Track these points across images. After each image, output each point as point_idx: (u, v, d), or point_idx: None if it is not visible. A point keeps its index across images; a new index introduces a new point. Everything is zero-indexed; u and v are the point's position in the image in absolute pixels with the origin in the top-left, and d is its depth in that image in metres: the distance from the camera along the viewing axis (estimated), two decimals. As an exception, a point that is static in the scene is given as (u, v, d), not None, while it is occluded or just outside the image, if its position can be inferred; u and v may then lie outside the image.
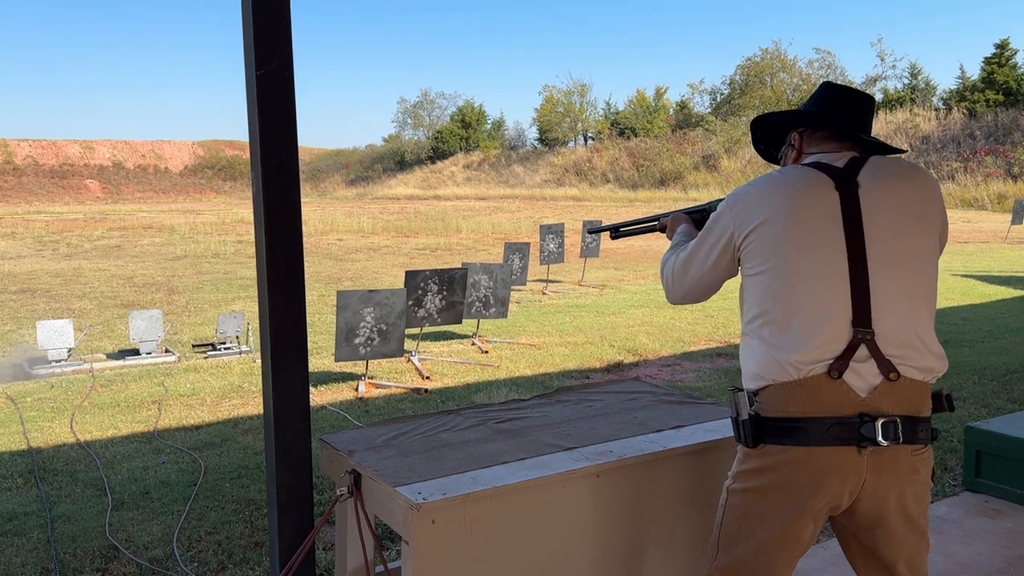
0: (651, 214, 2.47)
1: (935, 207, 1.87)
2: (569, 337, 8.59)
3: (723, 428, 2.32)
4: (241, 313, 8.01)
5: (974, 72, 37.69)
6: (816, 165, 1.85)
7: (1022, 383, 6.26)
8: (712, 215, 1.96)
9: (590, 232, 2.95)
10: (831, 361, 1.72)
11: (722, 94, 47.86)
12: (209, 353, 7.68)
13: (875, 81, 42.02)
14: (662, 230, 2.37)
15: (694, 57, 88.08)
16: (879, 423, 1.71)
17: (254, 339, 8.10)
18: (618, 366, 7.36)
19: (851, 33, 74.70)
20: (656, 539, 2.17)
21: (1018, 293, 11.15)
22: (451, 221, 25.44)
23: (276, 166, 2.09)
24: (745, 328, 1.87)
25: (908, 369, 1.75)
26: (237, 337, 7.94)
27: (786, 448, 1.75)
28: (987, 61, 36.32)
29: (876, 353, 1.73)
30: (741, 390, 1.83)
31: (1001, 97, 34.53)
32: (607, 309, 10.33)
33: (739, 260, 1.89)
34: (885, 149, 1.93)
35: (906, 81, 40.80)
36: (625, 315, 9.87)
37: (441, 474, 1.94)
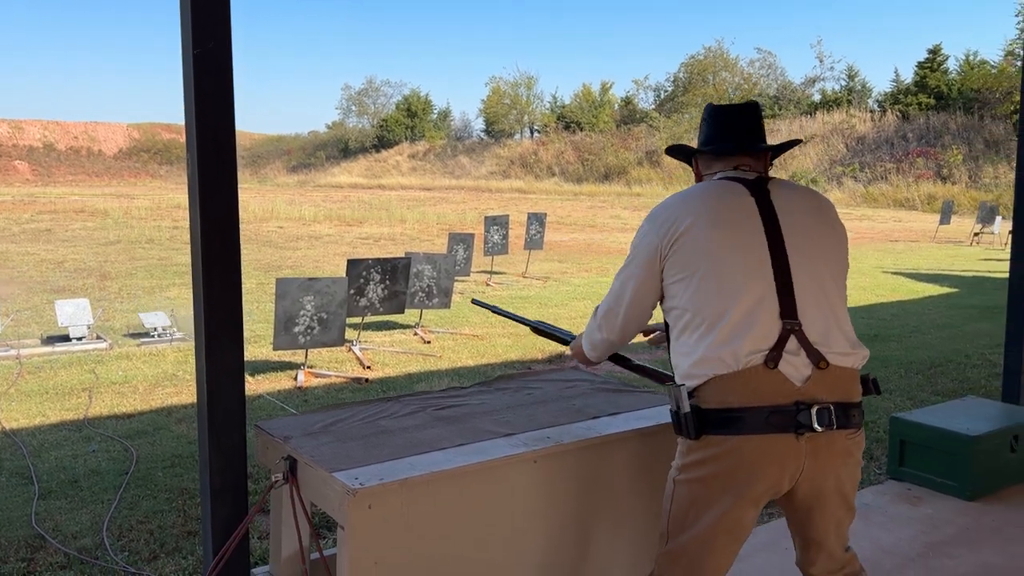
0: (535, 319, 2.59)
1: (834, 214, 2.04)
2: (512, 328, 8.62)
3: (658, 415, 2.36)
4: (161, 312, 7.84)
5: (908, 76, 38.92)
6: (727, 178, 2.00)
7: (946, 376, 6.52)
8: (635, 240, 2.03)
9: (473, 303, 2.97)
10: (767, 352, 1.80)
11: (666, 91, 48.45)
12: (143, 340, 7.49)
13: (814, 82, 43.04)
14: (564, 342, 2.45)
15: (639, 53, 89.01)
16: (814, 410, 1.79)
17: (186, 328, 7.93)
18: (560, 357, 7.41)
19: (792, 34, 76.29)
20: (594, 524, 2.20)
21: (944, 290, 11.58)
22: (395, 211, 25.26)
23: (213, 148, 2.05)
24: (676, 331, 1.94)
25: (834, 356, 1.84)
26: (173, 323, 7.76)
27: (727, 438, 1.81)
28: (920, 66, 37.52)
29: (805, 343, 1.82)
30: (679, 385, 1.88)
31: (933, 101, 35.71)
32: (550, 301, 10.40)
33: (662, 270, 1.95)
34: (780, 148, 2.08)
35: (844, 83, 41.89)
36: (568, 307, 9.94)
37: (378, 460, 1.93)
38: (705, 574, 1.90)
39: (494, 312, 2.71)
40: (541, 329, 2.55)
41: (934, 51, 37.49)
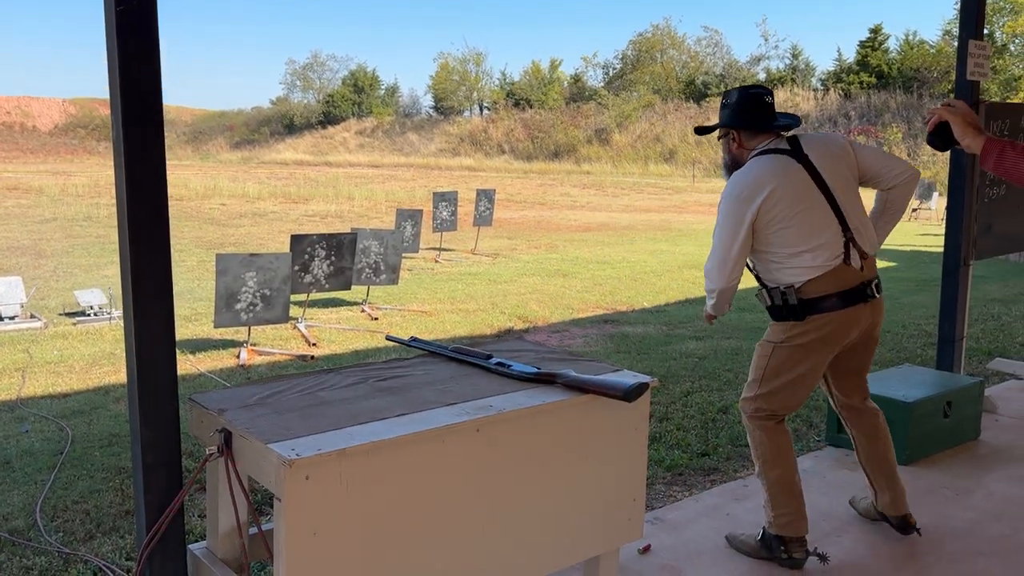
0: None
1: (846, 152, 2.91)
2: (461, 304, 8.59)
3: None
4: (98, 289, 7.61)
5: (850, 55, 39.61)
6: (772, 151, 2.83)
7: (883, 346, 6.67)
8: (725, 208, 2.81)
9: (387, 339, 2.97)
10: (840, 255, 2.77)
11: (615, 69, 48.55)
12: (79, 319, 7.27)
13: (759, 60, 43.57)
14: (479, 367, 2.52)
15: (588, 31, 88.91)
16: (872, 285, 2.84)
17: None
18: (508, 332, 7.41)
19: (737, 13, 77.02)
20: (538, 490, 2.19)
21: (882, 264, 11.85)
22: (343, 188, 24.94)
23: (139, 110, 1.96)
24: (778, 259, 2.80)
25: (869, 248, 2.86)
26: (110, 301, 7.54)
27: (826, 315, 2.77)
28: (862, 45, 38.23)
29: (856, 244, 2.81)
30: (787, 287, 2.79)
31: (874, 80, 36.46)
32: (499, 277, 10.38)
33: (754, 226, 2.77)
34: (789, 125, 2.93)
35: (788, 61, 42.51)
36: (517, 283, 9.94)
37: (317, 431, 1.89)
38: (797, 401, 2.92)
39: (410, 346, 2.67)
40: (457, 357, 2.53)
41: (875, 30, 38.22)
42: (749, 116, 2.89)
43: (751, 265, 2.93)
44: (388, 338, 2.83)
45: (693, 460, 4.00)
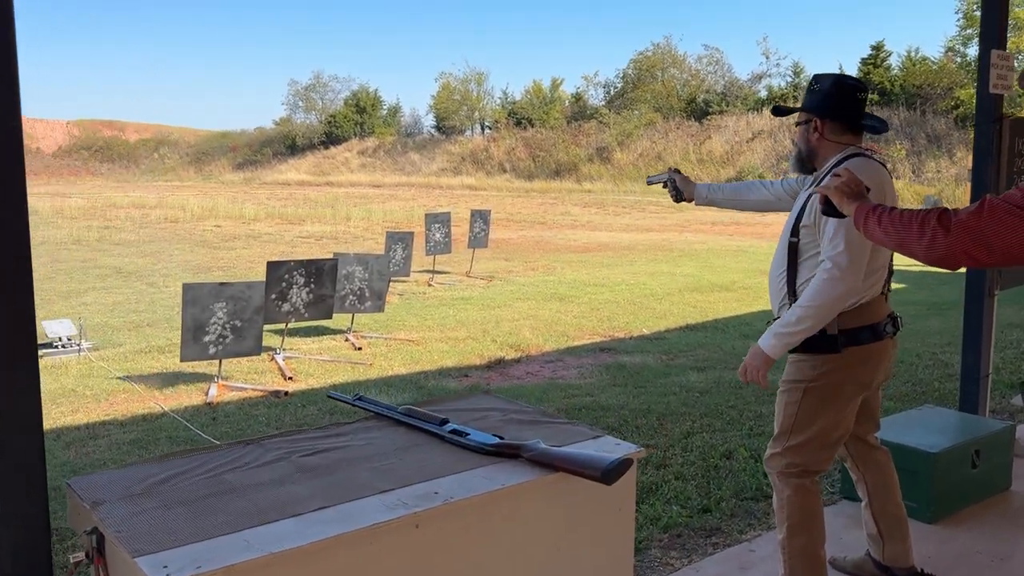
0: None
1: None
2: (450, 332, 8.20)
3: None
4: (68, 320, 7.23)
5: (852, 72, 39.34)
6: (870, 156, 2.61)
7: (898, 379, 6.22)
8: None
9: (329, 397, 2.59)
10: (883, 285, 2.63)
11: (615, 87, 48.34)
12: (44, 352, 6.88)
13: (760, 78, 43.28)
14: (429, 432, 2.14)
15: (589, 50, 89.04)
16: (897, 319, 2.68)
17: (98, 337, 7.34)
18: (499, 363, 7.01)
19: (739, 31, 76.95)
20: (495, 594, 1.79)
21: (896, 286, 11.42)
22: (341, 208, 24.60)
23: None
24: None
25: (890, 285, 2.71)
26: (80, 333, 7.16)
27: (864, 346, 2.55)
28: (864, 62, 37.95)
29: (889, 278, 2.68)
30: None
31: (876, 97, 36.11)
32: (493, 302, 9.98)
33: None
34: (877, 128, 2.67)
35: (789, 79, 42.19)
36: (511, 308, 9.55)
37: (204, 536, 1.49)
38: (831, 454, 2.63)
39: (354, 406, 2.28)
40: (407, 422, 2.14)
41: (877, 47, 37.97)
42: (840, 108, 2.59)
43: (790, 278, 2.59)
44: (330, 396, 2.43)
45: (693, 518, 3.58)
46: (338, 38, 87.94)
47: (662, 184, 3.18)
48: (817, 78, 2.67)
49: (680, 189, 3.18)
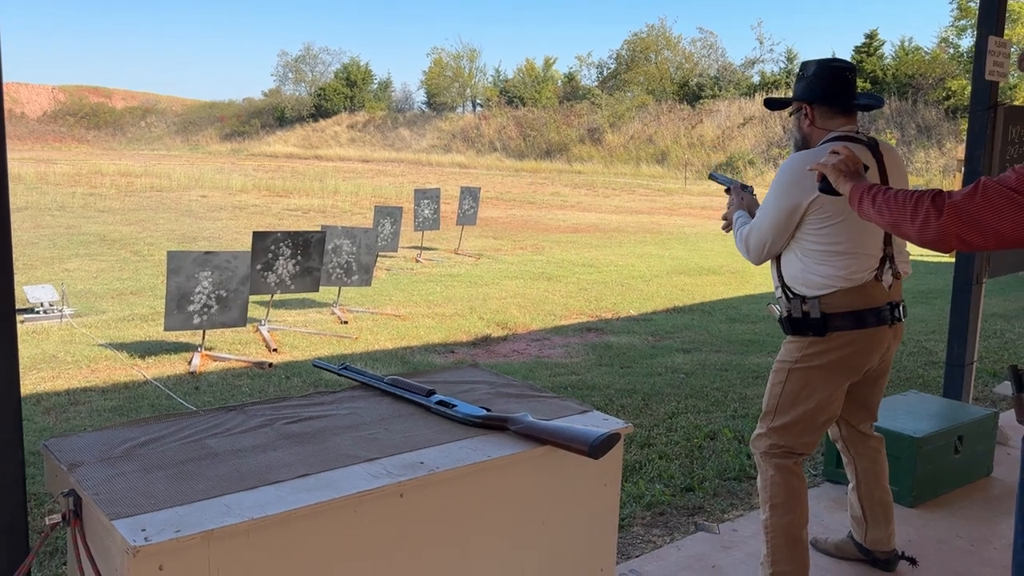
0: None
1: (905, 176, 2.66)
2: (437, 308, 8.16)
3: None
4: (50, 285, 7.14)
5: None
6: (849, 138, 2.51)
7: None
8: (776, 188, 2.52)
9: (314, 365, 2.52)
10: (874, 270, 2.50)
11: (609, 68, 48.14)
12: (26, 317, 6.80)
13: (753, 63, 43.21)
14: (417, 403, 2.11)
15: (583, 29, 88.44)
16: (899, 307, 2.59)
17: (80, 304, 7.26)
18: (486, 340, 6.99)
19: (732, 15, 76.69)
20: (481, 568, 1.77)
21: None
22: (329, 182, 24.42)
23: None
24: (808, 259, 2.50)
25: (903, 267, 2.60)
26: (63, 298, 7.08)
27: (850, 331, 2.50)
28: (857, 50, 37.90)
29: (892, 262, 2.56)
30: (811, 297, 2.49)
31: (868, 85, 36.11)
32: (481, 279, 9.95)
33: (803, 217, 2.47)
34: (870, 105, 2.66)
35: (782, 65, 42.12)
36: (499, 286, 9.51)
37: (184, 500, 1.46)
38: (816, 436, 2.62)
39: (340, 375, 2.24)
40: (393, 391, 2.11)
41: (871, 36, 37.92)
42: (827, 92, 2.56)
43: (777, 263, 2.61)
44: (315, 364, 2.39)
45: (676, 496, 3.58)
46: (330, 9, 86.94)
47: (725, 189, 3.05)
48: (804, 65, 2.65)
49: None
